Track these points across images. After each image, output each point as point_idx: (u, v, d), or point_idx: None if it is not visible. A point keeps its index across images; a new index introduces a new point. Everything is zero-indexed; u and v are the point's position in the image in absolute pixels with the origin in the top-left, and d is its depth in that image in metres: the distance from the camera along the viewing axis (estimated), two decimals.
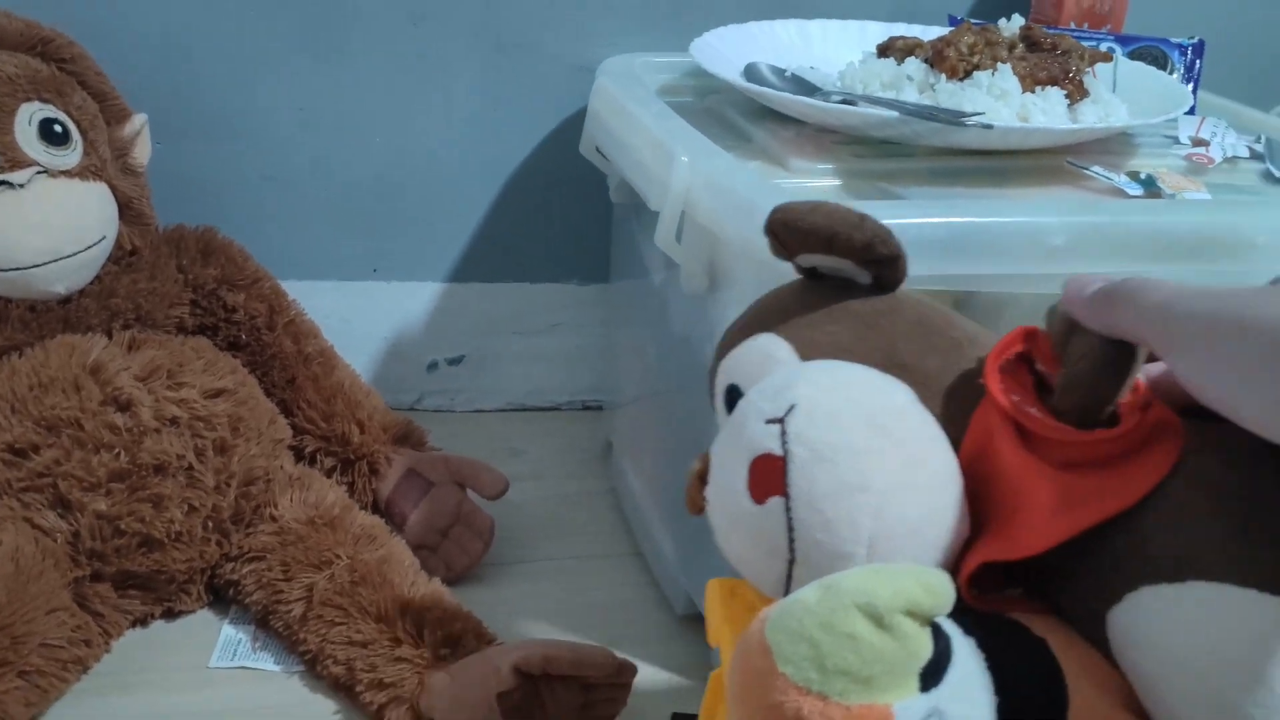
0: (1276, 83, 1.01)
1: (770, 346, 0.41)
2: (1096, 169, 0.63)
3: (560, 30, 0.86)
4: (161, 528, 0.64)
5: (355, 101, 0.87)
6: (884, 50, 0.75)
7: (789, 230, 0.40)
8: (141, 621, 0.69)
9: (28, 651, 0.58)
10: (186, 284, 0.75)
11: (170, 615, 0.70)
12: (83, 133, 0.69)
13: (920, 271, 0.53)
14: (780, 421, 0.34)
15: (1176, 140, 0.73)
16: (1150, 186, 0.61)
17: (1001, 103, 0.66)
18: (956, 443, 0.37)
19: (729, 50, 0.77)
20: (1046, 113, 0.66)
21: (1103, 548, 0.33)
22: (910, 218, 0.52)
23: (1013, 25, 0.75)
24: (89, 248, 0.67)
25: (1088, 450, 0.34)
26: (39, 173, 0.65)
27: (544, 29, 0.86)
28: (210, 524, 0.67)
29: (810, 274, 0.43)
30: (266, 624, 0.68)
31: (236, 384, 0.71)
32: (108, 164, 0.70)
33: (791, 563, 0.34)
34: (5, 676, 0.57)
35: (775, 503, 0.34)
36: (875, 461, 0.33)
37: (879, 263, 0.40)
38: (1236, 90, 0.97)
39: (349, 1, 0.83)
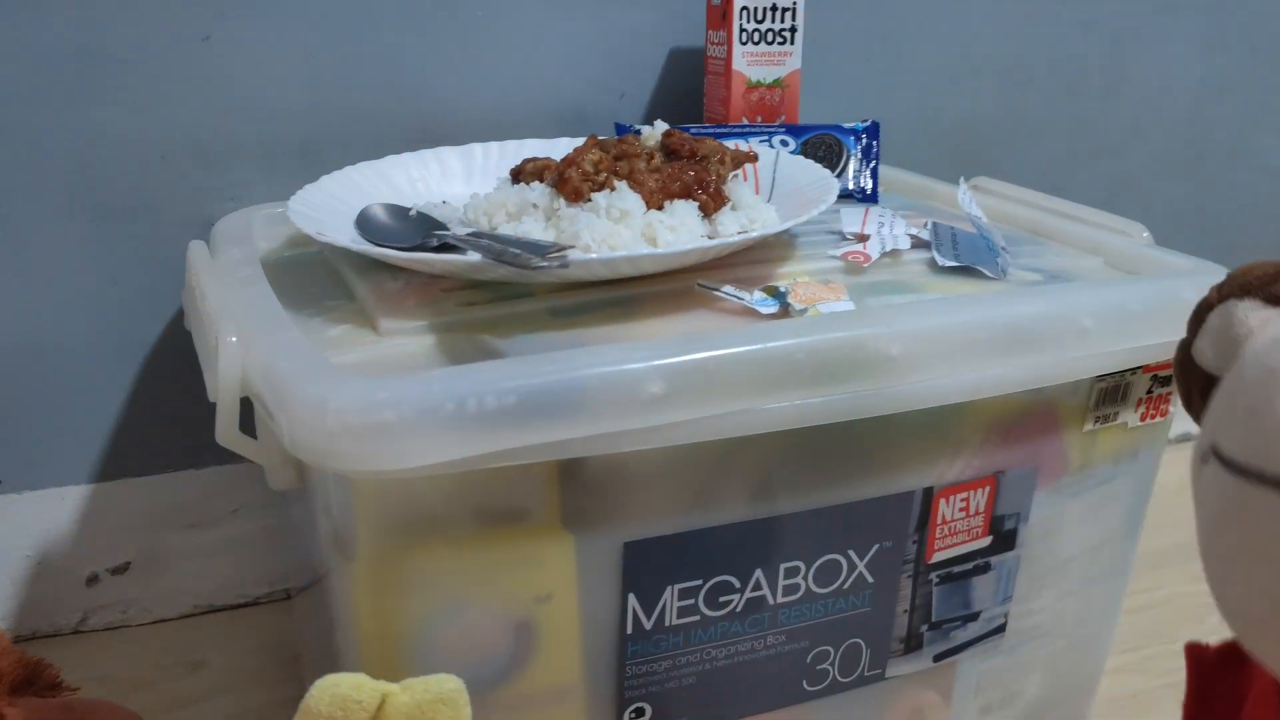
0: (969, 154, 0.99)
1: None
2: (727, 289, 0.56)
3: (174, 189, 0.76)
4: None
5: None
6: (517, 175, 0.67)
7: None
8: None
9: None
10: None
11: None
12: None
13: (515, 444, 0.44)
14: None
15: (843, 237, 0.67)
16: (782, 303, 0.54)
17: (623, 225, 0.58)
18: None
19: (353, 195, 0.69)
20: (675, 230, 0.59)
21: None
22: (480, 388, 0.43)
23: (655, 132, 0.68)
24: None
25: None
26: None
27: (153, 189, 0.76)
28: None
29: None
30: None
31: None
32: None
33: None
34: None
35: None
36: None
37: None
38: (940, 167, 0.94)
39: None
